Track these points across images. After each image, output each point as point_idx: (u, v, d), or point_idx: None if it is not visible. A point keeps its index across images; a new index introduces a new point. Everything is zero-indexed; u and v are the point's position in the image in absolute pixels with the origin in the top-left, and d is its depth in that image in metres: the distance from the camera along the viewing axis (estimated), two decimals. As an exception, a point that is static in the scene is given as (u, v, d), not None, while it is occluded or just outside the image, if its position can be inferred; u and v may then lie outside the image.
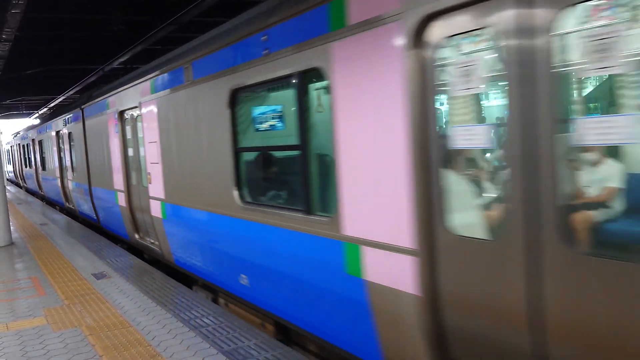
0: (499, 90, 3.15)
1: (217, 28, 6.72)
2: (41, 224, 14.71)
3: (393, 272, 3.87)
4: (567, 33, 2.83)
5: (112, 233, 12.09)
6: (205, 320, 5.96)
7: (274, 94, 5.83)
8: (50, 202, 21.40)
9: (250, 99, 6.07)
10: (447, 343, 3.62)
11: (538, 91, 2.88)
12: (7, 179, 37.10)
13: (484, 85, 3.27)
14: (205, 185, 6.71)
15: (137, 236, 10.04)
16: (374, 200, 3.99)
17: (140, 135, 9.10)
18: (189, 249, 7.56)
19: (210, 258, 6.94)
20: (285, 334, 5.93)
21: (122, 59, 14.44)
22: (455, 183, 3.58)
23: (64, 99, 23.57)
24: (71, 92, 21.31)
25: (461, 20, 3.25)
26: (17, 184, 36.00)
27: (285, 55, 4.86)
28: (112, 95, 10.47)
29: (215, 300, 7.35)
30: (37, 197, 24.61)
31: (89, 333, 5.75)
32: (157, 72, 7.96)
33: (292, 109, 5.02)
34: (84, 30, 14.15)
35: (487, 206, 3.44)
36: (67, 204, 17.31)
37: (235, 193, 5.98)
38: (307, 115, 4.76)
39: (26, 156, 27.06)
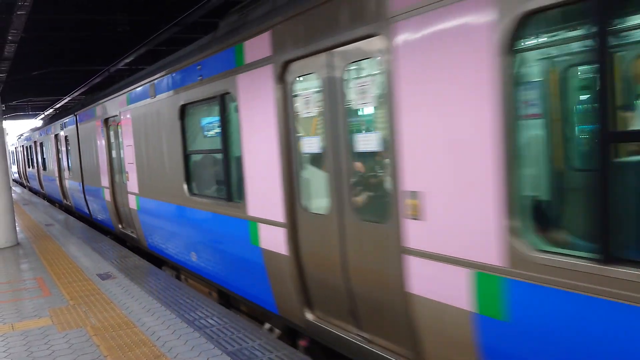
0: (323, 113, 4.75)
1: (175, 54, 8.29)
2: (46, 224, 14.77)
3: (274, 240, 5.45)
4: (350, 79, 4.42)
5: (102, 225, 13.59)
6: (210, 320, 5.96)
7: (207, 110, 7.37)
8: (51, 201, 22.81)
9: (193, 113, 7.63)
10: (307, 287, 5.20)
11: (338, 116, 4.50)
12: (12, 179, 37.92)
13: (316, 110, 4.83)
14: (166, 180, 8.33)
15: (120, 227, 11.67)
16: (263, 189, 5.61)
17: (120, 139, 10.66)
18: (156, 234, 9.27)
19: (170, 240, 8.63)
20: (227, 299, 7.31)
21: (127, 60, 14.49)
22: (307, 176, 5.15)
23: (69, 100, 23.65)
24: (77, 93, 21.38)
25: (301, 67, 4.89)
26: (21, 184, 37.22)
27: (212, 81, 6.50)
28: (99, 104, 12.10)
29: (178, 277, 8.82)
30: (39, 196, 26.10)
31: (93, 333, 5.77)
32: (131, 87, 9.60)
33: (219, 121, 6.71)
34: (89, 31, 14.18)
35: (323, 192, 4.82)
36: (64, 201, 18.81)
37: (185, 186, 7.63)
38: (227, 127, 6.41)
39: (29, 157, 28.55)
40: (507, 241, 3.11)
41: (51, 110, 27.96)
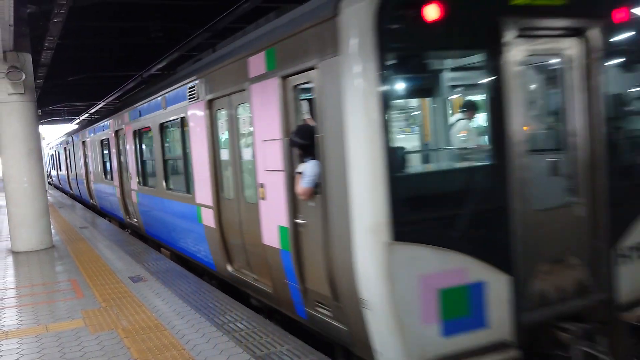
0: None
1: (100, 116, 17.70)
2: (81, 227, 15.06)
3: (113, 198, 15.06)
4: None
5: (84, 201, 23.31)
6: (239, 324, 5.97)
7: (109, 144, 15.25)
8: (65, 192, 32.10)
9: (104, 145, 15.85)
10: (128, 213, 13.77)
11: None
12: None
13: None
14: (97, 172, 17.29)
15: (91, 200, 20.67)
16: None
17: (87, 154, 19.74)
18: (100, 198, 18.18)
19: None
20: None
21: (159, 65, 14.70)
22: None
23: (103, 105, 24.15)
24: (111, 98, 21.81)
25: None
26: (48, 182, 45.62)
27: (105, 130, 15.75)
28: (80, 132, 21.56)
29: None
30: (57, 189, 36.95)
31: (124, 336, 5.83)
32: (87, 128, 19.12)
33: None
34: (123, 38, 14.45)
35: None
36: (70, 190, 28.16)
37: (103, 175, 16.71)
38: (110, 153, 15.23)
39: (53, 162, 39.45)
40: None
41: (86, 115, 28.60)
